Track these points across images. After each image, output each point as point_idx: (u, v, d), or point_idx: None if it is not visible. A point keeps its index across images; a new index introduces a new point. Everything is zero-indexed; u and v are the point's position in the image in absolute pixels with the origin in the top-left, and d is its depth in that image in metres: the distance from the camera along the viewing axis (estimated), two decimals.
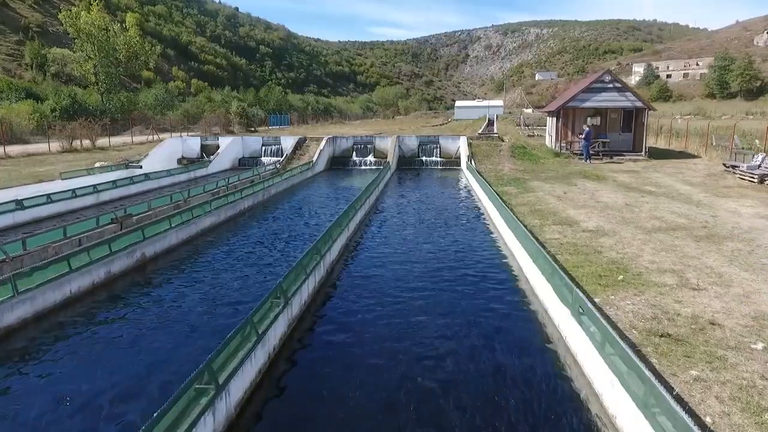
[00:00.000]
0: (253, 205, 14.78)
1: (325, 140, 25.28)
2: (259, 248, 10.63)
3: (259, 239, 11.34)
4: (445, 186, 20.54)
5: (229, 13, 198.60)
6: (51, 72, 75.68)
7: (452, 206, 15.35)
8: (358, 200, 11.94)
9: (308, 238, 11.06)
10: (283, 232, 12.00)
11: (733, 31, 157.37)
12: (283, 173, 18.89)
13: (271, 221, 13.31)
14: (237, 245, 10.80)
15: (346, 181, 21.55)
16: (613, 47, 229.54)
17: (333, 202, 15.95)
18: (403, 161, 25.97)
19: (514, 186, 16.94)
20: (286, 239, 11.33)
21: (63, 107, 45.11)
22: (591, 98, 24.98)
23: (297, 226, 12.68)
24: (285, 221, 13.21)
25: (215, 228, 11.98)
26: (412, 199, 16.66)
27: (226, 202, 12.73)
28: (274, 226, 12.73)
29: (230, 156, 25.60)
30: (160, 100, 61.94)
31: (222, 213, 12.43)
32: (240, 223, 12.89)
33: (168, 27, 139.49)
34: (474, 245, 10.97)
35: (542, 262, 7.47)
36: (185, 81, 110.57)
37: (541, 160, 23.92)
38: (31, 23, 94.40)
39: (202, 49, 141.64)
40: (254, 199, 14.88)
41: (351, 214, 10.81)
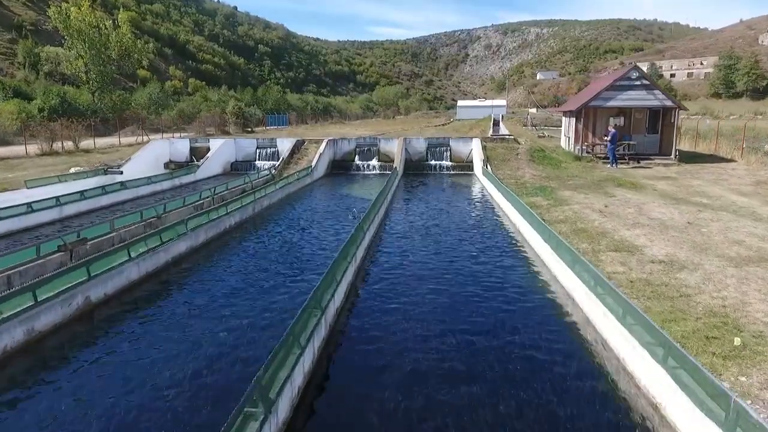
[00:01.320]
0: (242, 222, 12.58)
1: (326, 143, 23.11)
2: (242, 292, 8.06)
3: (243, 275, 8.92)
4: (459, 195, 18.41)
5: (227, 12, 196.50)
6: (44, 71, 73.65)
7: (474, 224, 13.10)
8: (366, 219, 9.80)
9: (304, 279, 8.48)
10: (274, 263, 9.51)
11: (737, 29, 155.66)
12: (279, 181, 16.70)
13: (261, 246, 10.89)
14: (215, 282, 8.61)
15: (349, 189, 19.41)
16: (613, 47, 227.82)
17: (336, 218, 13.68)
18: (410, 165, 23.82)
19: (542, 196, 14.80)
20: (276, 278, 8.68)
21: (51, 107, 43.11)
22: (616, 97, 22.86)
23: (292, 252, 10.31)
24: (277, 246, 10.78)
25: (192, 254, 9.79)
26: (424, 214, 14.44)
27: (207, 220, 10.55)
28: (263, 255, 10.15)
29: (221, 160, 23.41)
30: (155, 100, 59.84)
31: (201, 234, 10.25)
32: (223, 247, 10.69)
33: (165, 26, 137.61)
34: (522, 293, 8.24)
35: (643, 329, 5.24)
36: (182, 80, 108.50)
37: (563, 164, 21.79)
38: (25, 21, 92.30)
39: (200, 48, 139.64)
40: (243, 214, 12.70)
41: (358, 240, 8.68)
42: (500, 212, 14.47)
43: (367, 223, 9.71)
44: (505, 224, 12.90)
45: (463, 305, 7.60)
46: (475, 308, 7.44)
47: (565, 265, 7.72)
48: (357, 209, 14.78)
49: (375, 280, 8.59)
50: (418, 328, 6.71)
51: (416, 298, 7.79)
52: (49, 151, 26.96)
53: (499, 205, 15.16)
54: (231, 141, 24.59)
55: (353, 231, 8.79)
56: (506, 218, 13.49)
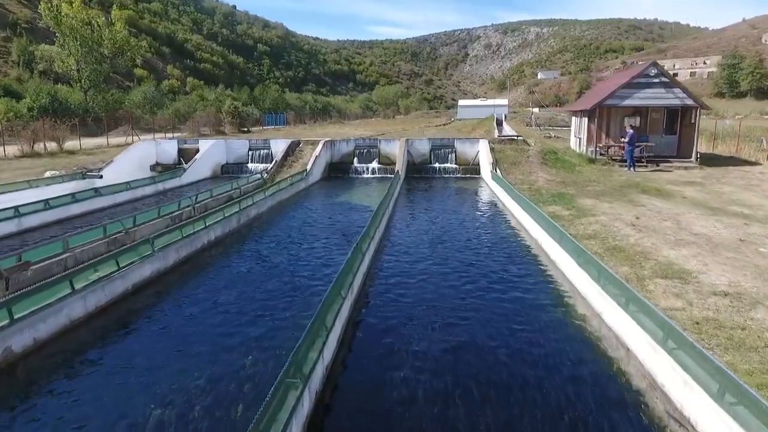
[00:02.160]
0: (225, 236, 11.02)
1: (322, 144, 21.56)
2: (209, 341, 6.29)
3: (215, 312, 7.17)
4: (467, 203, 16.88)
5: (226, 11, 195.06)
6: (39, 69, 72.28)
7: (487, 240, 11.49)
8: (364, 239, 8.27)
9: (284, 326, 6.66)
10: (255, 298, 7.69)
11: (739, 28, 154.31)
12: (269, 187, 15.15)
13: (243, 270, 9.06)
14: (180, 320, 7.00)
15: (347, 195, 17.86)
16: (614, 46, 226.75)
17: (332, 230, 12.06)
18: (412, 168, 22.31)
19: (561, 204, 13.31)
20: (253, 327, 6.67)
21: (41, 106, 41.77)
22: (633, 95, 21.37)
23: (279, 280, 8.48)
24: (263, 271, 9.03)
25: (158, 279, 8.20)
26: (429, 228, 12.93)
27: (179, 236, 9.02)
28: (244, 282, 8.38)
29: (210, 162, 21.87)
30: (149, 99, 58.41)
31: (171, 254, 8.69)
32: (198, 270, 8.99)
33: (163, 24, 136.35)
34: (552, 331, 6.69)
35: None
36: (180, 79, 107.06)
37: (577, 167, 20.30)
38: (20, 19, 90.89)
39: (199, 47, 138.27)
40: (226, 227, 11.16)
41: (355, 266, 7.18)
42: (515, 224, 12.96)
43: (365, 244, 8.19)
44: (523, 240, 11.36)
45: (490, 370, 5.63)
46: (505, 377, 5.48)
47: (615, 303, 6.18)
48: (353, 222, 13.26)
49: (373, 325, 6.85)
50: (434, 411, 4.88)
51: (427, 362, 5.82)
52: (30, 152, 25.46)
53: (513, 215, 13.66)
54: (221, 142, 23.05)
55: (349, 255, 7.30)
56: (524, 232, 11.96)
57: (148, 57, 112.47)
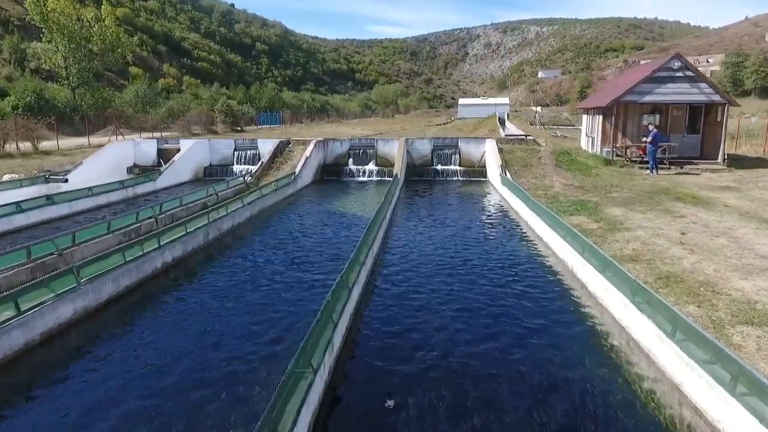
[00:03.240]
0: (187, 256, 9.11)
1: (314, 144, 19.63)
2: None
3: (158, 373, 5.27)
4: (473, 210, 15.00)
5: (224, 9, 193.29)
6: (30, 67, 70.54)
7: (502, 261, 9.50)
8: (349, 271, 6.36)
9: (251, 395, 4.83)
10: (216, 347, 5.82)
11: (742, 27, 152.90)
12: (249, 193, 13.19)
13: (202, 307, 7.05)
14: (106, 387, 5.05)
15: (340, 202, 15.91)
16: (614, 45, 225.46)
17: (319, 249, 10.00)
18: (413, 170, 20.43)
19: (586, 215, 11.45)
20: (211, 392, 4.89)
21: (26, 104, 40.01)
22: (654, 90, 19.54)
23: (248, 325, 6.47)
24: (228, 306, 7.06)
25: (82, 321, 6.30)
26: (432, 243, 11.03)
27: (121, 260, 7.14)
28: (202, 327, 6.38)
29: (191, 164, 19.96)
30: (141, 97, 56.62)
31: (107, 285, 6.78)
32: (142, 307, 7.04)
33: (160, 22, 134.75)
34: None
35: None
36: (177, 78, 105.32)
37: (593, 170, 18.46)
38: (12, 16, 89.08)
39: (196, 46, 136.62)
40: (189, 245, 9.25)
41: (339, 305, 5.32)
42: (533, 237, 11.09)
43: (352, 277, 6.31)
44: (547, 261, 9.45)
45: None
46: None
47: (711, 380, 4.28)
48: (344, 240, 11.36)
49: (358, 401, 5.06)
50: None
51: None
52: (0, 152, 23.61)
53: (530, 226, 11.78)
54: (204, 142, 21.13)
55: (334, 287, 5.44)
56: (547, 250, 10.08)
57: (144, 55, 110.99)
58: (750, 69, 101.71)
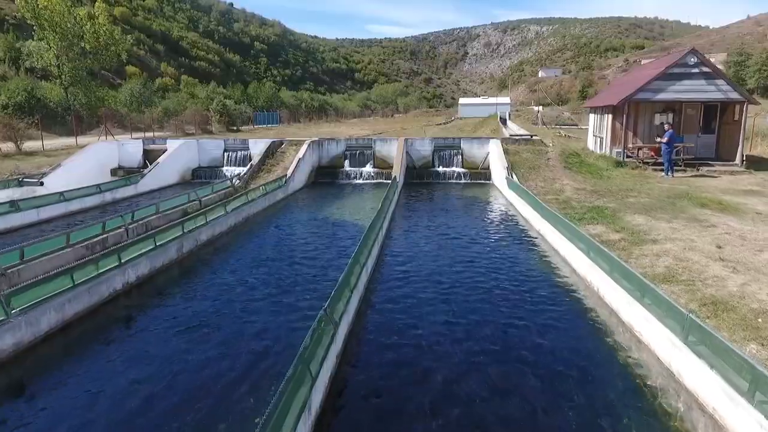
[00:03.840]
0: (155, 273, 7.97)
1: (307, 145, 18.49)
2: None
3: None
4: (478, 217, 13.88)
5: (223, 9, 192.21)
6: (26, 66, 69.45)
7: (514, 277, 8.41)
8: (340, 293, 5.27)
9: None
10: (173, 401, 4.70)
11: (744, 26, 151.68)
12: (233, 199, 12.05)
13: (161, 335, 5.97)
14: None
15: (335, 207, 14.75)
16: (615, 45, 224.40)
17: (308, 266, 8.75)
18: (412, 173, 19.31)
19: (604, 223, 10.34)
20: None
21: (17, 103, 39.03)
22: (668, 88, 18.45)
23: (212, 362, 5.40)
24: (194, 348, 5.74)
25: (21, 355, 5.28)
26: (435, 259, 9.88)
27: (68, 284, 6.02)
28: (156, 376, 5.10)
29: (178, 166, 18.83)
30: (136, 96, 55.51)
31: (47, 317, 5.65)
32: (93, 337, 5.90)
33: (158, 21, 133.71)
34: None
35: None
36: (175, 77, 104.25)
37: (605, 172, 17.36)
38: (7, 15, 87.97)
39: (194, 45, 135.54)
40: (158, 261, 8.09)
41: (320, 350, 4.22)
42: (547, 249, 9.98)
43: (339, 307, 5.20)
44: (566, 280, 8.31)
45: None
46: None
47: None
48: (337, 254, 10.26)
49: None
50: None
51: None
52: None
53: (542, 236, 10.68)
54: (192, 142, 20.00)
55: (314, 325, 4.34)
56: (563, 264, 8.97)
57: (142, 55, 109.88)
58: (753, 68, 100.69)
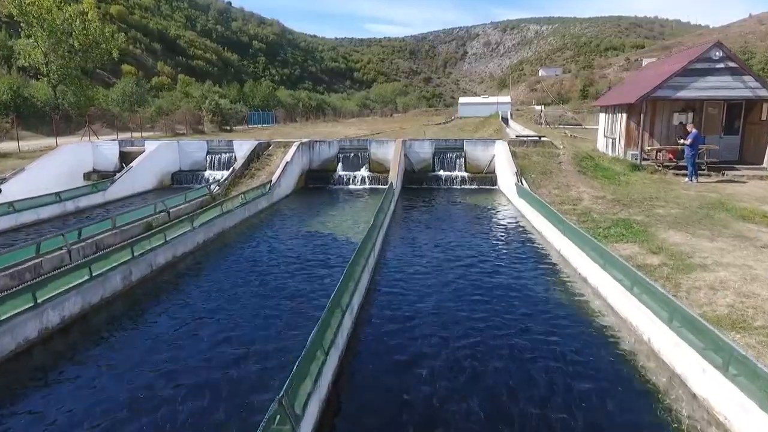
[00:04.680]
0: (92, 310, 6.36)
1: (296, 147, 16.88)
2: None
3: None
4: (486, 231, 12.31)
5: (221, 7, 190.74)
6: (18, 65, 67.87)
7: (533, 314, 6.87)
8: (316, 344, 3.72)
9: None
10: None
11: (746, 24, 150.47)
12: (204, 211, 10.44)
13: (88, 403, 4.54)
14: None
15: (325, 219, 13.11)
16: (615, 44, 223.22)
17: (286, 297, 7.20)
18: (411, 177, 17.76)
19: (634, 241, 8.78)
20: None
21: (2, 102, 37.70)
22: (689, 84, 16.92)
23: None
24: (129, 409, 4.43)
25: None
26: (434, 286, 8.37)
27: None
28: None
29: (155, 169, 17.25)
30: (129, 95, 53.94)
31: None
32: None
33: (155, 20, 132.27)
34: None
35: None
36: (171, 76, 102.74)
37: (622, 177, 15.81)
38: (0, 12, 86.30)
39: (192, 44, 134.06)
40: (96, 294, 6.46)
41: None
42: (571, 275, 8.41)
43: (318, 353, 3.66)
44: (602, 320, 6.73)
45: None
46: None
47: None
48: (323, 282, 8.72)
49: None
50: None
51: None
52: None
53: (563, 256, 9.11)
54: (173, 144, 18.40)
55: (287, 386, 2.83)
56: (594, 296, 7.41)
57: (138, 53, 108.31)
58: (756, 67, 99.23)
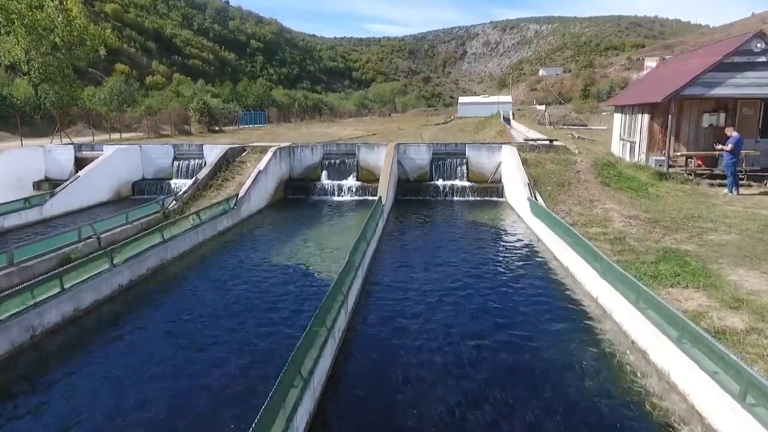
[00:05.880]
0: None
1: (273, 153, 14.53)
2: None
3: None
4: (492, 261, 10.07)
5: (218, 6, 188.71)
6: (5, 64, 65.61)
7: (572, 410, 4.80)
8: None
9: None
10: None
11: (749, 23, 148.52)
12: (129, 244, 8.05)
13: None
14: None
15: (298, 244, 10.58)
16: (615, 43, 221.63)
17: (230, 369, 5.21)
18: (405, 187, 15.50)
19: (692, 283, 6.53)
20: None
21: None
22: (726, 81, 14.71)
23: None
24: None
25: None
26: (430, 349, 6.16)
27: None
28: None
29: (111, 179, 14.99)
30: (117, 94, 51.63)
31: None
32: None
33: (151, 19, 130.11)
34: None
35: None
36: (167, 75, 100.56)
37: (649, 188, 13.58)
38: None
39: (188, 43, 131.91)
40: None
41: None
42: (616, 338, 6.20)
43: None
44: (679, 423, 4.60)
45: None
46: None
47: None
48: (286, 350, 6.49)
49: None
50: None
51: None
52: None
53: (602, 307, 6.87)
54: (134, 148, 16.12)
55: None
56: (656, 380, 5.21)
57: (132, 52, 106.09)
58: None
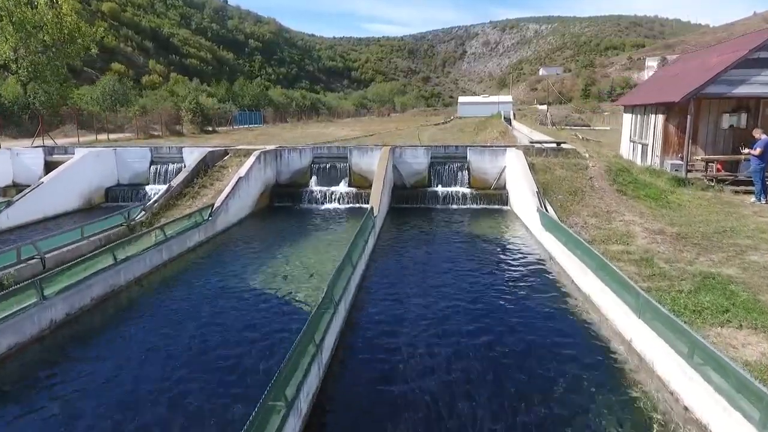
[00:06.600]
0: None
1: (256, 157, 13.25)
2: None
3: None
4: (500, 285, 8.84)
5: (216, 6, 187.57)
6: None
7: None
8: None
9: None
10: None
11: (750, 22, 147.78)
12: (74, 267, 6.70)
13: None
14: None
15: (278, 264, 9.22)
16: (615, 43, 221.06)
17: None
18: (400, 194, 14.26)
19: (744, 321, 5.32)
20: None
21: None
22: (751, 78, 13.54)
23: None
24: None
25: None
26: (428, 410, 4.93)
27: None
28: None
29: (81, 185, 13.72)
30: (110, 94, 50.34)
31: None
32: None
33: (148, 18, 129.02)
34: None
35: None
36: (164, 75, 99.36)
37: (670, 196, 12.36)
38: None
39: (186, 42, 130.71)
40: None
41: None
42: (660, 396, 5.00)
43: None
44: None
45: None
46: None
47: None
48: None
49: None
50: None
51: None
52: None
53: (637, 353, 5.64)
54: (108, 152, 14.87)
55: None
56: None
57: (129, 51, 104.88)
58: None
